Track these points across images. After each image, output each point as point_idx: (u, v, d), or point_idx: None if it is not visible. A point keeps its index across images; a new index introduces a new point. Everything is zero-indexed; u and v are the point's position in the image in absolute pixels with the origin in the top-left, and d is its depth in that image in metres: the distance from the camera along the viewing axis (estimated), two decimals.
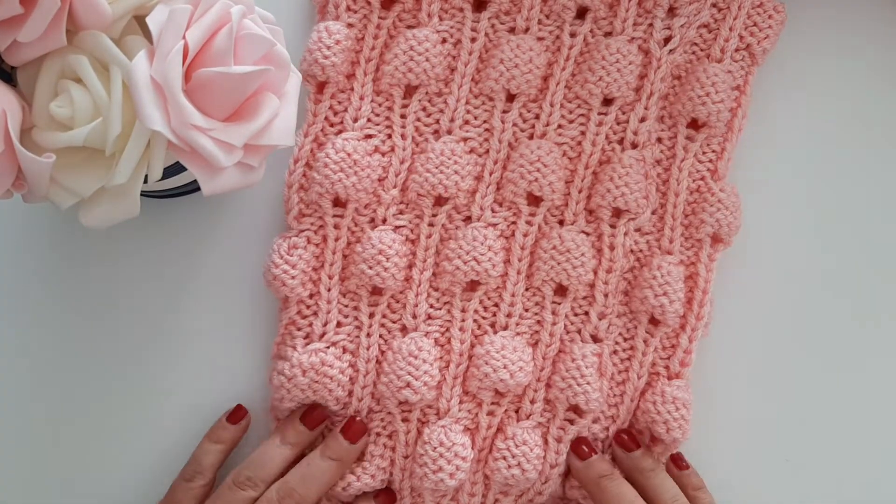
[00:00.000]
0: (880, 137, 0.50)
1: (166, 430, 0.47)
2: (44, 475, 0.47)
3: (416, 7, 0.46)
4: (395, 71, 0.45)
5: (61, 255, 0.47)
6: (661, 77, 0.47)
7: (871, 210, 0.49)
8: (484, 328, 0.46)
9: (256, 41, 0.35)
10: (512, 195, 0.46)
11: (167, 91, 0.33)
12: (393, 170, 0.46)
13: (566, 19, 0.47)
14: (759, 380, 0.48)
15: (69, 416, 0.47)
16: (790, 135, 0.50)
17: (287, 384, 0.44)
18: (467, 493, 0.46)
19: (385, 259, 0.44)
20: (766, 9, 0.48)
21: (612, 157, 0.47)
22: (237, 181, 0.36)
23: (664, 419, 0.45)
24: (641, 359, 0.46)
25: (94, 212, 0.35)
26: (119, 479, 0.47)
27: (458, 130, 0.46)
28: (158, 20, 0.33)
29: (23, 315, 0.47)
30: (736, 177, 0.48)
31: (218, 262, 0.47)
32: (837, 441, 0.49)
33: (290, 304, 0.45)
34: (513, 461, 0.45)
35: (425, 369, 0.44)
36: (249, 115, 0.35)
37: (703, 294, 0.46)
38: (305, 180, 0.45)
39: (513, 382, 0.45)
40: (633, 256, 0.47)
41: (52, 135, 0.33)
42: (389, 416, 0.45)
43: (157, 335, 0.47)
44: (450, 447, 0.44)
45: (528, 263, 0.47)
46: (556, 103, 0.47)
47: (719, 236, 0.47)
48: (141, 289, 0.47)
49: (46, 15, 0.32)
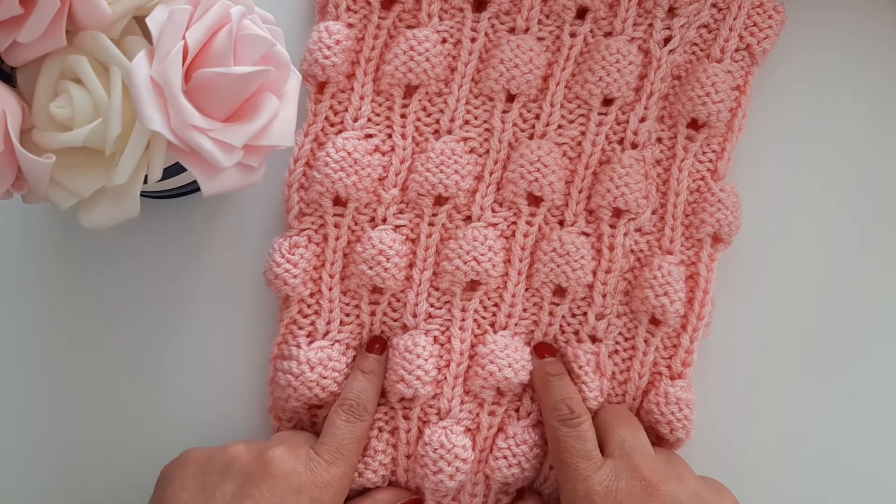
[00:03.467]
0: (880, 137, 0.50)
1: (166, 429, 0.47)
2: (44, 475, 0.47)
3: (416, 7, 0.46)
4: (396, 71, 0.46)
5: (61, 256, 0.47)
6: (661, 77, 0.47)
7: (871, 210, 0.49)
8: (484, 328, 0.46)
9: (256, 41, 0.35)
10: (512, 195, 0.46)
11: (167, 91, 0.33)
12: (393, 169, 0.46)
13: (566, 19, 0.47)
14: (760, 380, 0.48)
15: (69, 416, 0.47)
16: (790, 135, 0.50)
17: (294, 382, 0.44)
18: (468, 493, 0.46)
19: (385, 259, 0.45)
20: (766, 9, 0.48)
21: (612, 157, 0.47)
22: (237, 181, 0.36)
23: (668, 420, 0.45)
24: (642, 358, 0.46)
25: (94, 212, 0.35)
26: (119, 479, 0.47)
27: (459, 130, 0.46)
28: (158, 20, 0.33)
29: (23, 315, 0.47)
30: (736, 177, 0.48)
31: (218, 262, 0.47)
32: (837, 441, 0.49)
33: (291, 304, 0.45)
34: (513, 460, 0.45)
35: (419, 364, 0.44)
36: (249, 115, 0.35)
37: (703, 294, 0.46)
38: (306, 180, 0.45)
39: (516, 381, 0.45)
40: (634, 256, 0.47)
41: (52, 135, 0.33)
42: (392, 412, 0.45)
43: (157, 335, 0.47)
44: (450, 449, 0.44)
45: (529, 264, 0.47)
46: (556, 103, 0.47)
47: (720, 236, 0.47)
48: (141, 289, 0.47)
49: (46, 15, 0.32)
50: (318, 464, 0.41)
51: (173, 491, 0.39)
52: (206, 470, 0.40)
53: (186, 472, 0.40)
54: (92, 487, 0.47)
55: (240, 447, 0.41)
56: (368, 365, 0.45)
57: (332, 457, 0.41)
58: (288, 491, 0.39)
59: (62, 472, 0.47)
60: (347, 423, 0.43)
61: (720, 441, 0.48)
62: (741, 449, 0.48)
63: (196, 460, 0.41)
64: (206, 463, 0.40)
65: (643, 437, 0.44)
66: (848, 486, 0.48)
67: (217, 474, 0.40)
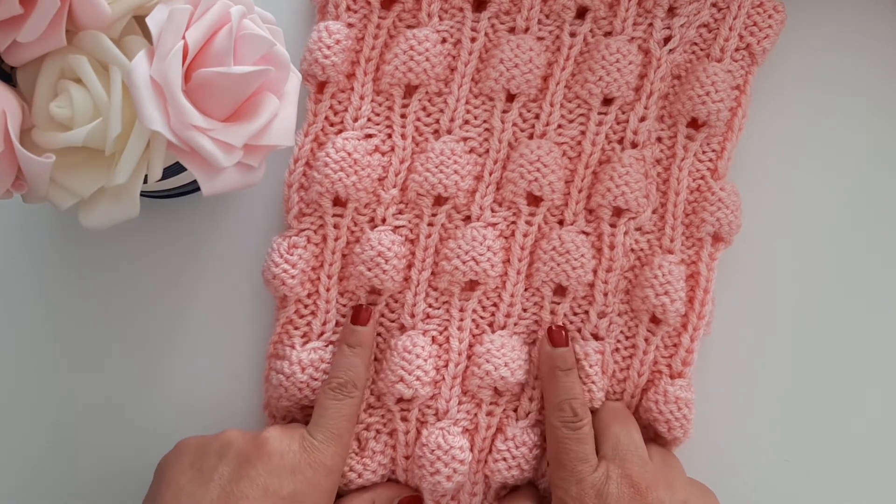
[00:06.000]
0: (880, 137, 0.50)
1: (165, 426, 0.47)
2: (43, 475, 0.47)
3: (416, 7, 0.46)
4: (395, 71, 0.46)
5: (61, 255, 0.47)
6: (660, 77, 0.47)
7: (871, 209, 0.49)
8: (482, 328, 0.46)
9: (256, 41, 0.35)
10: (512, 195, 0.46)
11: (167, 91, 0.33)
12: (393, 169, 0.46)
13: (566, 19, 0.47)
14: (760, 379, 0.48)
15: (69, 416, 0.47)
16: (790, 135, 0.50)
17: (286, 382, 0.44)
18: (468, 493, 0.46)
19: (384, 262, 0.45)
20: (766, 9, 0.48)
21: (611, 157, 0.47)
22: (237, 181, 0.36)
23: (666, 418, 0.45)
24: (643, 357, 0.46)
25: (93, 212, 0.35)
26: (118, 478, 0.47)
27: (458, 130, 0.46)
28: (158, 20, 0.33)
29: (23, 315, 0.47)
30: (736, 176, 0.48)
31: (218, 261, 0.47)
32: (837, 441, 0.49)
33: (287, 303, 0.45)
34: (513, 462, 0.45)
35: (418, 364, 0.44)
36: (249, 115, 0.35)
37: (704, 293, 0.46)
38: (305, 180, 0.45)
39: (513, 380, 0.45)
40: (634, 255, 0.47)
41: (52, 135, 0.33)
42: (389, 414, 0.45)
43: (156, 334, 0.47)
44: (447, 450, 0.44)
45: (528, 264, 0.47)
46: (556, 103, 0.47)
47: (720, 235, 0.47)
48: (140, 288, 0.47)
49: (46, 15, 0.32)
50: (311, 444, 0.41)
51: (171, 477, 0.40)
52: (202, 455, 0.41)
53: (183, 459, 0.41)
54: (91, 482, 0.47)
55: (235, 432, 0.42)
56: (356, 338, 0.44)
57: (325, 436, 0.42)
58: (283, 469, 0.40)
59: (62, 468, 0.47)
60: (337, 402, 0.43)
61: (720, 441, 0.48)
62: (741, 449, 0.48)
63: (192, 447, 0.41)
64: (202, 448, 0.41)
65: (638, 437, 0.44)
66: (848, 486, 0.48)
67: (213, 458, 0.40)
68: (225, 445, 0.41)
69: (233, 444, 0.41)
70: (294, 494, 0.39)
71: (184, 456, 0.41)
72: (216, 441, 0.41)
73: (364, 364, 0.44)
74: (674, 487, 0.42)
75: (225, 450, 0.41)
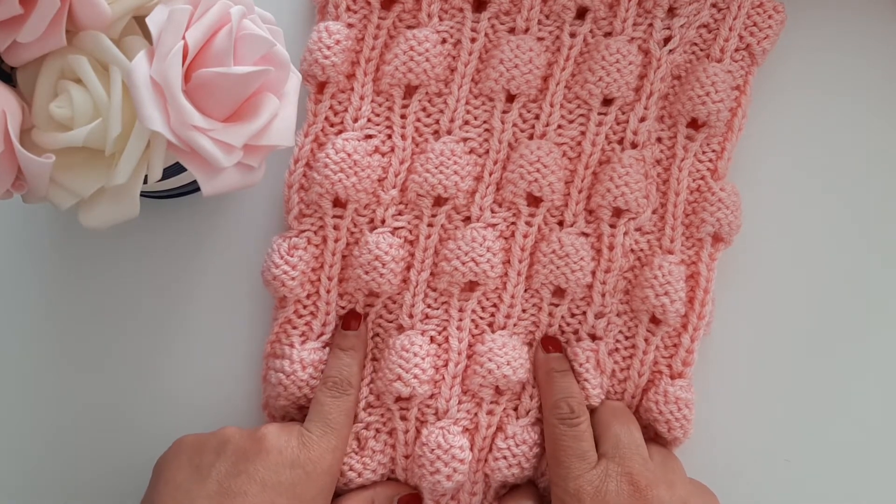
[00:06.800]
0: (880, 137, 0.50)
1: (165, 426, 0.47)
2: (43, 475, 0.47)
3: (416, 7, 0.46)
4: (395, 71, 0.46)
5: (61, 256, 0.47)
6: (660, 77, 0.47)
7: (871, 209, 0.49)
8: (482, 328, 0.46)
9: (256, 41, 0.35)
10: (512, 195, 0.46)
11: (167, 91, 0.33)
12: (392, 170, 0.46)
13: (566, 19, 0.47)
14: (760, 379, 0.48)
15: (69, 416, 0.47)
16: (790, 135, 0.50)
17: (286, 381, 0.44)
18: (468, 493, 0.46)
19: (381, 265, 0.45)
20: (766, 9, 0.48)
21: (611, 157, 0.47)
22: (237, 181, 0.36)
23: (666, 419, 0.45)
24: (643, 357, 0.46)
25: (93, 212, 0.35)
26: (118, 478, 0.47)
27: (458, 131, 0.46)
28: (158, 20, 0.33)
29: (23, 315, 0.47)
30: (736, 176, 0.48)
31: (217, 262, 0.47)
32: (837, 441, 0.49)
33: (287, 304, 0.45)
34: (513, 461, 0.45)
35: (416, 362, 0.44)
36: (249, 115, 0.35)
37: (704, 293, 0.46)
38: (305, 180, 0.45)
39: (515, 379, 0.45)
40: (634, 256, 0.47)
41: (52, 135, 0.33)
42: (388, 413, 0.45)
43: (156, 335, 0.47)
44: (447, 449, 0.44)
45: (528, 265, 0.47)
46: (556, 103, 0.47)
47: (720, 235, 0.47)
48: (140, 289, 0.47)
49: (46, 15, 0.32)
50: (309, 438, 0.41)
51: (169, 474, 0.40)
52: (200, 451, 0.41)
53: (181, 456, 0.41)
54: (91, 482, 0.47)
55: (232, 429, 0.42)
56: (348, 342, 0.45)
57: (323, 431, 0.42)
58: (281, 465, 0.40)
59: (62, 468, 0.47)
60: (333, 399, 0.43)
61: (720, 440, 0.48)
62: (741, 449, 0.48)
63: (190, 444, 0.41)
64: (199, 446, 0.41)
65: (638, 436, 0.44)
66: (848, 486, 0.48)
67: (211, 454, 0.41)
68: (223, 442, 0.41)
69: (230, 440, 0.41)
70: (293, 489, 0.40)
71: (181, 453, 0.41)
72: (214, 438, 0.41)
73: (358, 364, 0.45)
74: (674, 486, 0.42)
75: (223, 446, 0.41)
